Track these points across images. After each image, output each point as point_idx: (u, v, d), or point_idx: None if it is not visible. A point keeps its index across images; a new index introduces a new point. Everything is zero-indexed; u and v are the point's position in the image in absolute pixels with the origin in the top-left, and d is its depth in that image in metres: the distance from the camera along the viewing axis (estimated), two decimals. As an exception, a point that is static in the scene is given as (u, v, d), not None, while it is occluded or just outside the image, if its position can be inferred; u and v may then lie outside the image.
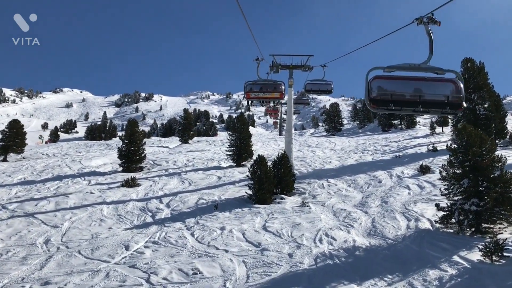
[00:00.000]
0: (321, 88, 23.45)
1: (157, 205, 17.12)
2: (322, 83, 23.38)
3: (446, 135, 37.23)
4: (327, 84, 23.41)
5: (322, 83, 23.40)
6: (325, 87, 23.46)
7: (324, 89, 23.51)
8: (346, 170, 22.76)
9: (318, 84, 23.34)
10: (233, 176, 22.25)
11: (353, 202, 16.64)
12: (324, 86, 23.43)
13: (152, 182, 21.11)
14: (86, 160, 29.37)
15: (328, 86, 23.41)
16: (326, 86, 23.43)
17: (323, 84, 23.37)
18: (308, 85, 23.44)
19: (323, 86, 23.40)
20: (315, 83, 23.35)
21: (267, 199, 16.75)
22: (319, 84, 23.34)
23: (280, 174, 17.89)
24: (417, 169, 20.61)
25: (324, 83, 23.40)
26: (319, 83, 23.38)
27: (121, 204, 17.24)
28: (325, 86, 23.43)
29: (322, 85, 23.38)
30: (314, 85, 23.34)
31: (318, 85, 23.35)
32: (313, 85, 23.32)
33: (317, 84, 23.36)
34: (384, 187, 18.42)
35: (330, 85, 23.41)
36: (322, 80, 23.44)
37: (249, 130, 26.48)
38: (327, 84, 23.41)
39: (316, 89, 23.47)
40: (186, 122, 42.85)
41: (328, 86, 23.41)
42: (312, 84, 23.34)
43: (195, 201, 17.39)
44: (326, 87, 23.45)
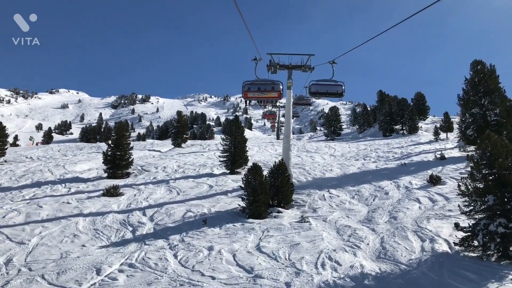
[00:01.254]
0: (330, 90, 18.90)
1: (140, 218, 15.36)
2: (331, 84, 18.99)
3: (451, 141, 35.64)
4: (337, 86, 18.88)
5: (331, 83, 19.01)
6: (335, 89, 18.80)
7: (333, 91, 18.86)
8: (348, 179, 21.05)
9: (326, 86, 18.89)
10: (225, 184, 20.50)
11: (358, 217, 14.93)
12: (334, 88, 18.82)
13: (137, 191, 19.32)
14: (70, 165, 27.57)
15: (338, 87, 18.85)
16: (335, 88, 18.84)
17: (332, 85, 18.91)
18: (313, 87, 19.04)
19: (332, 87, 18.86)
20: (323, 84, 18.97)
21: (262, 213, 15.02)
22: (327, 86, 18.90)
23: (277, 184, 16.17)
24: (426, 180, 18.93)
25: (334, 84, 18.94)
26: (328, 84, 18.97)
27: (99, 217, 15.47)
28: (334, 88, 18.82)
29: (331, 87, 18.88)
30: (321, 86, 18.90)
31: (326, 87, 18.86)
32: (320, 87, 18.88)
33: (325, 86, 18.89)
34: (392, 199, 16.72)
35: (341, 87, 18.84)
36: (330, 81, 19.15)
37: (245, 135, 24.74)
38: (337, 86, 18.88)
39: (323, 91, 18.95)
40: (179, 125, 41.01)
41: (338, 88, 18.83)
42: (318, 85, 18.93)
43: (182, 213, 15.63)
44: (335, 88, 18.79)
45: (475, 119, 24.78)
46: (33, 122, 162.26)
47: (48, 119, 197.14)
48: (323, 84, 19.16)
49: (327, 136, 56.32)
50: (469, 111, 25.46)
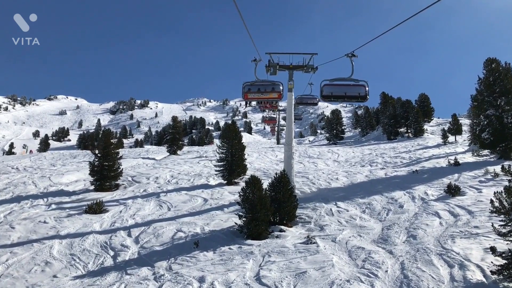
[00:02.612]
0: (349, 92, 14.93)
1: (123, 239, 13.54)
2: (349, 84, 15.30)
3: (460, 144, 33.85)
4: (359, 86, 15.16)
5: (350, 83, 15.29)
6: (355, 91, 14.88)
7: (354, 93, 14.89)
8: (356, 189, 19.24)
9: (344, 87, 15.18)
10: (222, 197, 18.67)
11: (371, 235, 13.10)
12: (354, 89, 14.94)
13: (123, 207, 17.48)
14: (57, 176, 25.76)
15: (360, 88, 15.14)
16: (356, 89, 15.12)
17: (352, 86, 15.14)
18: (326, 88, 15.26)
19: (351, 89, 14.96)
20: (339, 84, 15.25)
21: (262, 233, 13.20)
22: (345, 86, 15.18)
23: (278, 199, 14.36)
24: (444, 190, 17.11)
25: (354, 84, 15.27)
26: (346, 84, 15.36)
27: (78, 239, 13.66)
28: (355, 89, 14.93)
29: (351, 88, 14.98)
30: (337, 87, 15.15)
31: (343, 88, 15.18)
32: (336, 88, 15.13)
33: (342, 87, 15.24)
34: (407, 213, 14.89)
35: (364, 88, 15.07)
36: (349, 79, 15.36)
37: (243, 142, 22.91)
38: (359, 86, 15.16)
39: (340, 94, 15.18)
40: (174, 131, 39.21)
41: (360, 89, 15.13)
42: (333, 86, 15.17)
43: (172, 234, 13.80)
44: (356, 90, 14.91)
45: (490, 122, 22.97)
46: (30, 129, 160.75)
47: (46, 126, 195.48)
48: (339, 84, 14.95)
49: (329, 140, 54.57)
50: (483, 112, 23.69)
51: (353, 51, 15.72)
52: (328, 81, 15.65)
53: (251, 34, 12.84)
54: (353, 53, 15.81)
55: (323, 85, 15.66)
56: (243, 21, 11.18)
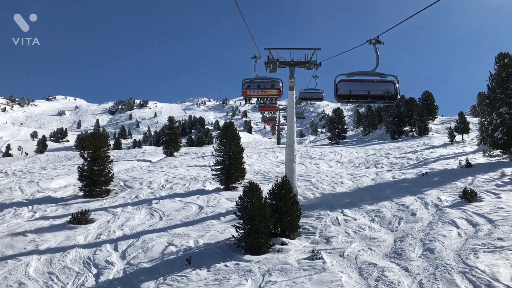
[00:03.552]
0: (375, 90, 11.67)
1: (109, 254, 12.24)
2: (374, 81, 11.88)
3: (468, 144, 32.52)
4: (386, 83, 11.73)
5: (375, 80, 11.86)
6: (382, 88, 11.59)
7: (380, 92, 11.60)
8: (363, 194, 17.92)
9: (368, 83, 11.76)
10: (218, 205, 17.36)
11: (383, 248, 11.79)
12: (381, 87, 11.65)
13: (111, 216, 16.17)
14: (46, 181, 24.48)
15: (388, 86, 11.64)
16: (384, 87, 11.69)
17: (377, 83, 11.78)
18: (343, 86, 11.69)
19: (377, 86, 11.69)
20: (362, 80, 11.84)
21: (262, 246, 11.89)
22: (369, 83, 11.77)
23: (280, 208, 13.06)
24: (458, 195, 15.79)
25: (381, 81, 11.83)
26: (370, 79, 11.91)
27: (59, 254, 12.37)
28: (382, 87, 11.63)
29: (376, 85, 11.70)
30: (360, 85, 11.76)
31: (368, 85, 11.73)
32: (358, 85, 11.73)
33: (367, 83, 11.78)
34: (421, 222, 13.57)
35: (393, 84, 11.63)
36: (374, 74, 11.88)
37: (241, 144, 21.55)
38: (386, 83, 11.73)
39: (362, 92, 11.78)
40: (171, 132, 37.86)
41: (388, 87, 11.62)
42: (355, 82, 11.77)
43: (162, 248, 12.49)
44: (384, 87, 11.59)
45: (504, 120, 21.63)
46: (28, 130, 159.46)
47: (44, 127, 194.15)
48: (361, 80, 11.52)
49: (331, 140, 53.20)
50: (496, 110, 22.36)
51: (378, 37, 11.80)
52: (346, 75, 11.62)
53: (250, 30, 12.14)
54: (378, 38, 11.82)
55: (338, 81, 11.62)
56: (241, 16, 10.37)
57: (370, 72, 12.00)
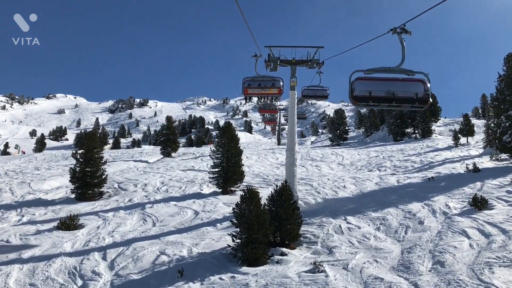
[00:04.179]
0: (401, 91, 9.63)
1: (96, 264, 11.44)
2: (399, 79, 9.85)
3: (473, 147, 31.71)
4: (415, 82, 9.78)
5: (399, 78, 9.86)
6: (410, 89, 9.62)
7: (408, 94, 9.61)
8: (367, 200, 17.13)
9: (392, 82, 9.77)
10: (215, 210, 16.55)
11: (389, 260, 10.98)
12: (408, 87, 9.67)
13: (102, 221, 15.37)
14: (38, 182, 23.70)
15: (417, 86, 9.74)
16: (412, 87, 9.71)
17: (404, 82, 9.77)
18: (360, 85, 9.69)
19: (403, 86, 9.67)
20: (384, 78, 9.88)
21: (260, 257, 11.10)
22: (393, 82, 9.78)
23: (279, 215, 12.27)
24: (468, 202, 14.99)
25: (407, 79, 9.86)
26: (393, 78, 9.90)
27: (43, 263, 11.58)
28: (409, 87, 9.66)
29: (402, 85, 9.69)
30: (382, 84, 9.74)
31: (392, 85, 9.72)
32: (379, 85, 9.73)
33: (390, 82, 9.80)
34: (429, 232, 12.76)
35: (423, 84, 9.70)
36: (399, 71, 9.77)
37: (239, 145, 20.73)
38: (415, 82, 9.78)
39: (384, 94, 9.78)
40: (169, 132, 37.05)
41: (417, 87, 9.72)
42: (375, 81, 9.77)
43: (154, 257, 11.69)
44: (412, 88, 9.61)
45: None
46: (27, 128, 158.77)
47: (43, 125, 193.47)
48: (383, 79, 9.55)
49: (332, 141, 52.37)
50: (505, 113, 21.55)
51: (404, 25, 9.47)
52: (364, 72, 9.51)
53: (251, 29, 12.10)
54: (404, 27, 9.54)
55: (354, 80, 9.56)
56: (241, 13, 9.76)
57: (394, 68, 9.70)
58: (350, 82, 9.72)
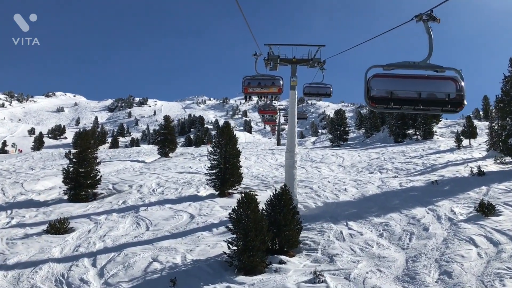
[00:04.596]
0: (428, 91, 7.88)
1: (85, 271, 10.87)
2: (425, 77, 8.08)
3: (476, 149, 31.17)
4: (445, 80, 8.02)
5: (425, 76, 8.10)
6: (440, 88, 7.87)
7: (436, 94, 7.85)
8: (369, 204, 16.56)
9: (417, 80, 8.03)
10: (211, 213, 15.98)
11: (393, 270, 10.42)
12: (436, 86, 7.92)
13: (94, 225, 14.80)
14: (31, 182, 23.13)
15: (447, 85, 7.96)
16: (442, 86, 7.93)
17: (431, 80, 8.03)
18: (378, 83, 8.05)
19: (431, 85, 7.92)
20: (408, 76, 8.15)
21: (257, 265, 10.54)
22: (419, 80, 8.03)
23: (278, 221, 11.71)
24: (474, 207, 14.43)
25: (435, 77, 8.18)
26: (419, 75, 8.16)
27: (29, 270, 11.00)
28: (438, 86, 7.91)
29: (430, 83, 7.94)
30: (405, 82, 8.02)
31: (417, 83, 7.99)
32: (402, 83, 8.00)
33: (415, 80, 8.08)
34: (435, 239, 12.20)
35: (455, 83, 7.87)
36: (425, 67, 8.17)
37: (238, 147, 20.15)
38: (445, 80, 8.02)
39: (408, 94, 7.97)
40: (166, 131, 36.46)
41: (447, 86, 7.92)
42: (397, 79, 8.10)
43: (146, 264, 11.12)
44: (442, 87, 7.86)
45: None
46: (26, 126, 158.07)
47: (42, 123, 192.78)
48: (406, 76, 8.01)
49: (332, 142, 51.80)
50: (510, 115, 21.01)
51: (431, 10, 8.07)
52: (383, 68, 8.03)
53: (251, 27, 11.78)
54: (431, 13, 8.07)
55: (371, 77, 7.99)
56: (240, 10, 9.36)
57: (419, 63, 8.04)
58: (366, 80, 7.97)
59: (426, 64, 8.11)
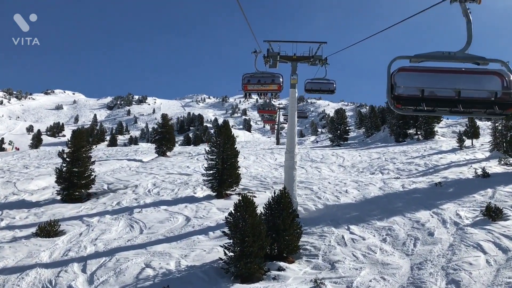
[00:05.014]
0: (470, 89, 5.83)
1: (74, 277, 10.35)
2: (466, 71, 6.02)
3: (479, 149, 30.64)
4: (489, 75, 5.99)
5: (463, 69, 6.05)
6: (483, 85, 5.85)
7: (480, 92, 5.89)
8: (371, 206, 16.04)
9: (458, 75, 5.99)
10: (208, 216, 15.45)
11: (398, 278, 9.91)
12: (479, 82, 5.87)
13: (85, 227, 14.27)
14: (24, 182, 22.59)
15: (492, 81, 5.95)
16: (486, 82, 5.94)
17: (472, 76, 5.97)
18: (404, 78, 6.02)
19: (472, 81, 5.85)
20: (449, 70, 6.06)
21: (255, 273, 10.04)
22: (459, 75, 5.98)
23: (277, 225, 11.20)
24: (480, 211, 13.90)
25: (477, 71, 6.06)
26: (457, 69, 6.10)
27: (15, 276, 10.48)
28: (481, 82, 5.86)
29: (471, 79, 5.86)
30: (443, 78, 5.98)
31: (457, 78, 5.95)
32: (439, 79, 5.98)
33: (455, 75, 6.00)
34: (441, 244, 11.68)
35: (502, 79, 5.90)
36: (465, 58, 6.16)
37: (236, 147, 19.59)
38: (489, 75, 5.99)
39: (445, 93, 5.93)
40: (164, 130, 35.89)
41: (492, 83, 5.96)
42: (434, 74, 6.06)
43: (138, 270, 10.60)
44: (486, 84, 5.84)
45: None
46: (24, 124, 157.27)
47: (41, 121, 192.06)
48: (445, 70, 6.04)
49: (332, 142, 51.26)
50: (516, 115, 20.46)
51: None
52: (411, 60, 6.20)
53: (251, 25, 11.47)
54: None
55: (396, 71, 6.04)
56: (240, 6, 9.03)
57: (456, 54, 6.10)
58: (389, 75, 6.03)
59: (465, 55, 6.24)
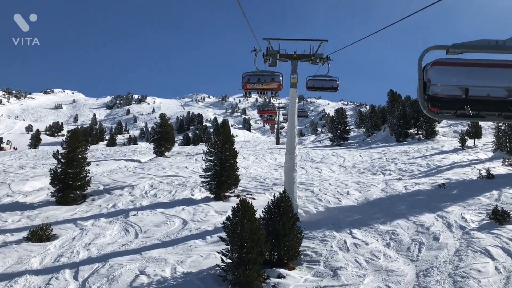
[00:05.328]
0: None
1: (66, 284, 9.92)
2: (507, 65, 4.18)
3: (481, 149, 30.20)
4: None
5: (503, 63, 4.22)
6: None
7: None
8: (373, 209, 15.61)
9: (497, 70, 4.24)
10: (206, 219, 15.01)
11: (403, 286, 9.48)
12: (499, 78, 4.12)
13: (79, 231, 13.83)
14: (19, 183, 22.16)
15: None
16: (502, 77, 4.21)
17: None
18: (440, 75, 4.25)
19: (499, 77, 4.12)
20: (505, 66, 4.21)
21: (253, 280, 9.59)
22: (499, 70, 4.24)
23: (277, 230, 10.76)
24: (486, 214, 13.48)
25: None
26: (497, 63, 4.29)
27: (3, 283, 10.06)
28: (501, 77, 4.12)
29: None
30: (502, 73, 4.21)
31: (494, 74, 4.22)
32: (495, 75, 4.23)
33: (493, 69, 4.25)
34: (447, 250, 11.25)
35: None
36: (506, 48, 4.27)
37: (235, 148, 19.15)
38: None
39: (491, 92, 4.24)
40: (162, 130, 35.43)
41: None
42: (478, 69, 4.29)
43: (132, 277, 10.16)
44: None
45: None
46: (23, 123, 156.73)
47: (40, 120, 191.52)
48: (484, 64, 4.23)
49: (332, 141, 50.81)
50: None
51: None
52: (447, 51, 4.40)
53: (250, 24, 11.19)
54: None
55: (429, 66, 4.35)
56: (241, 7, 8.91)
57: (505, 43, 4.41)
58: (420, 70, 4.47)
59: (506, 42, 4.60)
